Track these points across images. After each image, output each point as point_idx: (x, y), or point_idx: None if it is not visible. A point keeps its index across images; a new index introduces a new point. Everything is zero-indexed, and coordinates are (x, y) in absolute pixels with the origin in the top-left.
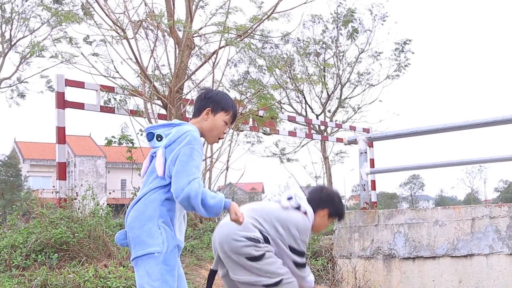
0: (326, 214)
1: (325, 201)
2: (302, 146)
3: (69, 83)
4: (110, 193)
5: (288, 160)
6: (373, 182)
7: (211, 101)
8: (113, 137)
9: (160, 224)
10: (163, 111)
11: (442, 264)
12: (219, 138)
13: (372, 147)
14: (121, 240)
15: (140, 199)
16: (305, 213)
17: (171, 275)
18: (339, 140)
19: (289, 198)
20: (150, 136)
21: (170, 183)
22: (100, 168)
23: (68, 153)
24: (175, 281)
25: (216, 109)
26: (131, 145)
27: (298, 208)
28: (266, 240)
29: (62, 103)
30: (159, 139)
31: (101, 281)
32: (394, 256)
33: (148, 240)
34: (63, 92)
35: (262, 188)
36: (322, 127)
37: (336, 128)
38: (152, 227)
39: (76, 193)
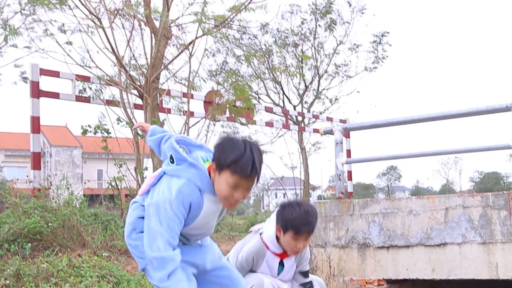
0: (279, 229)
1: (277, 217)
2: (279, 136)
3: (44, 72)
4: (85, 182)
5: (263, 152)
6: (350, 172)
7: (215, 151)
8: (88, 126)
9: (139, 236)
10: (139, 101)
11: (416, 253)
12: (232, 204)
13: (349, 137)
14: None
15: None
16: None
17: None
18: (316, 131)
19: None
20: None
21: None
22: (76, 158)
23: (44, 143)
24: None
25: (220, 166)
26: (106, 134)
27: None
28: None
29: (36, 92)
30: (171, 160)
31: (74, 271)
32: (368, 245)
33: (139, 255)
34: (38, 82)
35: None
36: (299, 118)
37: (313, 119)
38: (136, 242)
39: (50, 182)
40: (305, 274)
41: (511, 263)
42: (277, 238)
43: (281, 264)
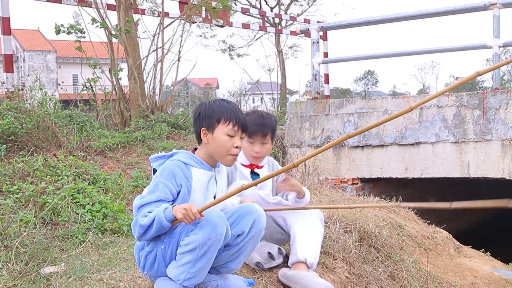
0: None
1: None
2: (256, 39)
3: None
4: (59, 84)
5: (239, 55)
6: (327, 76)
7: (202, 118)
8: (61, 25)
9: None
10: (112, 1)
11: (389, 152)
12: (234, 155)
13: (326, 40)
14: None
15: None
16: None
17: None
18: (293, 33)
19: None
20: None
21: None
22: (50, 63)
23: (17, 48)
24: None
25: (211, 126)
26: (80, 34)
27: None
28: None
29: None
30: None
31: (50, 170)
32: (343, 144)
33: None
34: None
35: (217, 83)
36: (276, 20)
37: (291, 21)
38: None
39: (23, 83)
40: None
41: (482, 161)
42: None
43: (255, 174)
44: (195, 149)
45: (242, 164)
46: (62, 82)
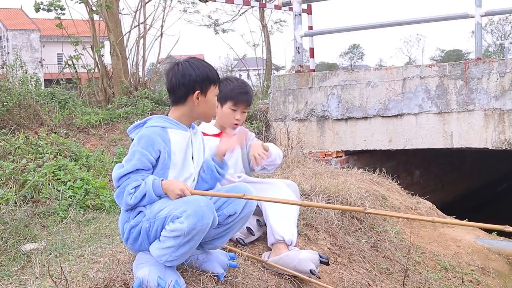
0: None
1: None
2: (240, 14)
3: None
4: (40, 61)
5: (224, 31)
6: (312, 50)
7: (195, 81)
8: (41, 2)
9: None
10: None
11: (373, 124)
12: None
13: (311, 14)
14: None
15: None
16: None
17: None
18: (277, 7)
19: None
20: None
21: None
22: (34, 42)
23: None
24: None
25: (204, 88)
26: (60, 11)
27: None
28: None
29: None
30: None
31: (32, 148)
32: (327, 117)
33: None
34: None
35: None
36: None
37: None
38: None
39: (3, 61)
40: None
41: (465, 132)
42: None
43: None
44: (167, 114)
45: (212, 134)
46: (44, 60)
